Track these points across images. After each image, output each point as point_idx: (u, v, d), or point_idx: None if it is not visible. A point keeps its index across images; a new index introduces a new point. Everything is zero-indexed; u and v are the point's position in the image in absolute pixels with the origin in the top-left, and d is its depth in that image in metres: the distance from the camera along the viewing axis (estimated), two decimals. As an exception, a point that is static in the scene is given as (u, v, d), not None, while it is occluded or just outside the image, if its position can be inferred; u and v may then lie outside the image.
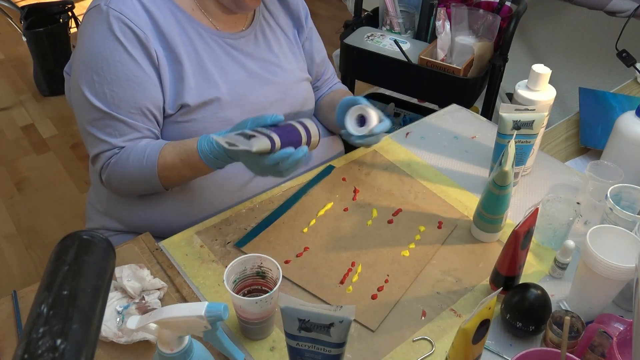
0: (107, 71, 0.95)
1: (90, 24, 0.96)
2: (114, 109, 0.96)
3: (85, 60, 0.96)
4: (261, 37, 1.12)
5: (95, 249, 0.51)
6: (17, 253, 2.04)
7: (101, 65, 0.94)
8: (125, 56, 0.95)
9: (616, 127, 1.13)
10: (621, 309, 0.89)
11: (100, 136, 0.98)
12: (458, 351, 0.69)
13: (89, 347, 0.44)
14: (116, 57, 0.94)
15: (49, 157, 2.50)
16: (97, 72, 0.95)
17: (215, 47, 1.04)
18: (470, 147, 1.23)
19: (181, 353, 0.64)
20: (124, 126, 0.97)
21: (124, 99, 0.96)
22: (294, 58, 1.17)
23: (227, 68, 1.05)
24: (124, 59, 0.95)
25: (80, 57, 0.97)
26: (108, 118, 0.97)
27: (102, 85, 0.95)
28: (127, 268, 0.86)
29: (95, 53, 0.95)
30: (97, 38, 0.95)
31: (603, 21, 2.04)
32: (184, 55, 1.00)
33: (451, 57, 1.71)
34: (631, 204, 0.96)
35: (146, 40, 0.95)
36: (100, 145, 0.99)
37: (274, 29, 1.14)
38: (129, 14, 0.94)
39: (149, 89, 0.97)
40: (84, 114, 0.98)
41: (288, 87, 1.13)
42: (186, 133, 1.01)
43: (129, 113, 0.97)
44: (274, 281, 0.81)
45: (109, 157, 0.99)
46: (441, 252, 0.98)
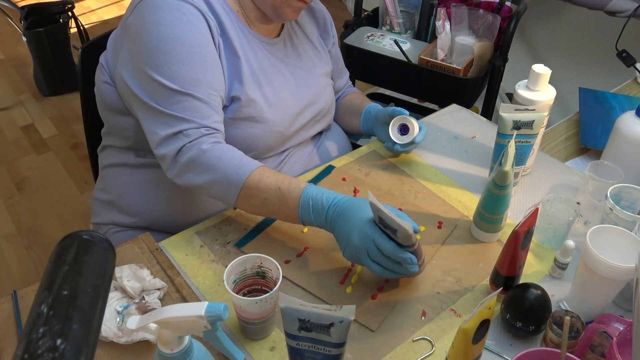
0: (183, 52, 0.92)
1: (154, 10, 0.93)
2: (193, 90, 0.92)
3: (154, 46, 0.92)
4: (289, 44, 1.15)
5: (95, 249, 0.51)
6: (17, 253, 2.04)
7: (176, 46, 0.92)
8: (200, 36, 0.94)
9: (616, 127, 1.13)
10: (621, 309, 0.89)
11: (180, 115, 0.92)
12: (458, 351, 0.69)
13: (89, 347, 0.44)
14: (192, 38, 0.93)
15: (49, 157, 2.50)
16: (170, 53, 0.91)
17: (257, 49, 1.06)
18: (470, 147, 1.23)
19: (181, 353, 0.64)
20: (205, 107, 0.93)
21: (203, 80, 0.94)
22: (320, 64, 1.20)
23: (268, 70, 1.07)
24: (200, 40, 0.94)
25: (146, 43, 0.92)
26: (187, 98, 0.92)
27: (179, 66, 0.92)
28: (127, 268, 0.86)
29: (168, 35, 0.92)
30: (168, 21, 0.92)
31: (603, 21, 2.04)
32: (236, 52, 1.01)
33: (451, 57, 1.71)
34: (631, 204, 0.96)
35: (214, 27, 0.97)
36: (181, 123, 0.92)
37: (299, 37, 1.18)
38: (200, 5, 0.95)
39: (218, 75, 0.97)
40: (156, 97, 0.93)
41: (317, 92, 1.17)
42: (234, 132, 1.01)
43: (209, 94, 0.94)
44: (274, 281, 0.81)
45: (195, 137, 0.92)
46: (441, 252, 0.98)
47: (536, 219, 0.85)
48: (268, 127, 1.05)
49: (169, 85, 0.92)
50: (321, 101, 1.17)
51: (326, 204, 0.88)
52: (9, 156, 2.50)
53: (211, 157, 0.91)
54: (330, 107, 1.22)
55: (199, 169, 0.92)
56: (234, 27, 1.02)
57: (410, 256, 0.81)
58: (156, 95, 0.93)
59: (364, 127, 1.24)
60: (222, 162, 0.92)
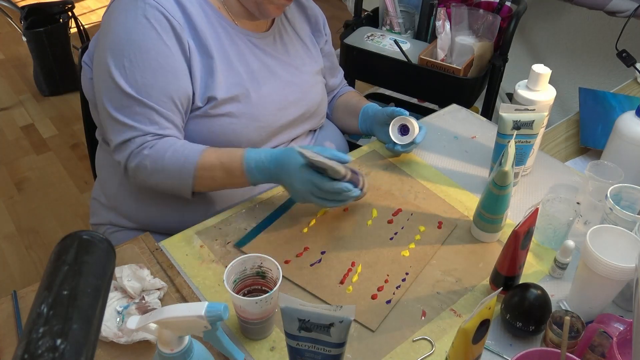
0: (140, 58, 0.94)
1: (122, 10, 0.95)
2: (145, 96, 0.95)
3: (117, 46, 0.95)
4: (279, 40, 1.14)
5: (95, 249, 0.51)
6: (17, 253, 2.04)
7: (134, 52, 0.94)
8: (160, 44, 0.94)
9: (616, 127, 1.13)
10: (621, 309, 0.89)
11: (129, 122, 0.96)
12: (458, 351, 0.69)
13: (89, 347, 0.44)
14: (150, 44, 0.94)
15: (49, 157, 2.50)
16: (129, 59, 0.94)
17: (240, 44, 1.06)
18: (470, 147, 1.23)
19: (181, 353, 0.64)
20: (154, 114, 0.96)
21: (155, 87, 0.95)
22: (310, 61, 1.20)
23: (252, 65, 1.06)
24: (159, 47, 0.94)
25: (110, 43, 0.95)
26: (138, 105, 0.95)
27: (134, 72, 0.94)
28: (127, 268, 0.86)
29: (128, 39, 0.94)
30: (131, 24, 0.94)
31: (603, 21, 2.04)
32: (214, 49, 1.01)
33: (451, 57, 1.71)
34: (631, 204, 0.96)
35: (180, 30, 0.96)
36: (129, 131, 0.96)
37: (290, 34, 1.17)
38: (164, 3, 0.95)
39: (180, 79, 0.97)
40: (112, 100, 0.96)
41: (305, 88, 1.16)
42: (213, 128, 1.02)
43: (160, 101, 0.96)
44: (274, 281, 0.81)
45: (139, 144, 0.97)
46: (441, 252, 0.98)
47: (536, 219, 0.85)
48: (250, 122, 1.05)
49: (124, 88, 0.95)
50: (309, 99, 1.16)
51: (267, 161, 0.96)
52: (9, 156, 2.50)
53: (155, 159, 0.96)
54: (320, 105, 1.21)
55: (148, 172, 0.98)
56: (212, 24, 1.02)
57: (345, 185, 0.92)
58: (112, 97, 0.96)
59: (362, 127, 1.24)
60: (167, 160, 0.96)
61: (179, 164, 0.96)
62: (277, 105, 1.09)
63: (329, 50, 1.28)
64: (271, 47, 1.12)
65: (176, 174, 0.97)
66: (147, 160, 0.97)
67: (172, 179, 0.98)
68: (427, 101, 2.09)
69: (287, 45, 1.15)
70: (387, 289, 0.90)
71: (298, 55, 1.17)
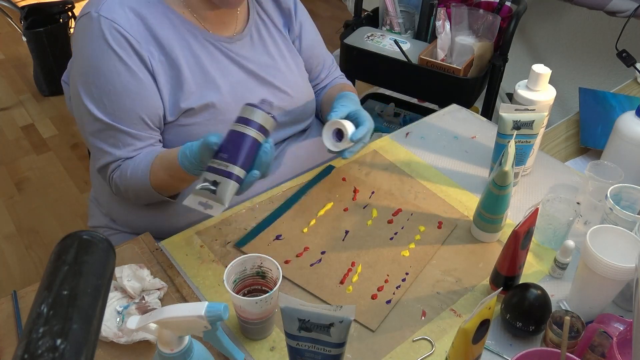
0: (104, 83, 0.93)
1: (83, 32, 0.95)
2: (115, 120, 0.95)
3: (83, 71, 0.95)
4: (257, 38, 1.10)
5: (95, 249, 0.51)
6: (17, 253, 2.04)
7: (98, 77, 0.93)
8: (121, 66, 0.93)
9: (616, 127, 1.13)
10: (621, 309, 0.89)
11: (104, 148, 0.97)
12: (458, 351, 0.69)
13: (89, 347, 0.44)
14: (112, 68, 0.93)
15: (49, 157, 2.50)
16: (95, 85, 0.94)
17: (212, 49, 1.03)
18: (470, 147, 1.23)
19: (181, 353, 0.64)
20: (126, 137, 0.97)
21: (123, 110, 0.95)
22: (291, 56, 1.15)
23: (227, 69, 1.04)
24: (120, 70, 0.93)
25: (77, 68, 0.96)
26: (110, 129, 0.96)
27: (101, 97, 0.94)
28: (127, 268, 0.86)
29: (91, 65, 0.94)
30: (91, 48, 0.93)
31: (603, 21, 2.04)
32: (181, 59, 0.98)
33: (451, 57, 1.71)
34: (631, 204, 0.96)
35: (140, 47, 0.94)
36: (105, 157, 0.98)
37: (269, 28, 1.12)
38: (121, 21, 0.93)
39: (147, 98, 0.96)
40: (87, 126, 0.98)
41: (288, 88, 1.12)
42: (189, 137, 1.00)
43: (130, 124, 0.96)
44: (274, 281, 0.81)
45: (113, 169, 0.99)
46: (441, 252, 0.98)
47: (536, 219, 0.85)
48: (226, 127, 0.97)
49: (95, 114, 0.95)
50: (291, 99, 1.12)
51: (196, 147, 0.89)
52: (9, 156, 2.50)
53: (122, 180, 0.98)
54: (306, 104, 1.15)
55: (125, 192, 1.00)
56: (179, 33, 0.99)
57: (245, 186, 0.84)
58: (86, 122, 0.97)
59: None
60: (130, 177, 0.97)
61: (136, 174, 0.96)
62: None
63: (309, 40, 1.18)
64: (247, 50, 1.07)
65: (143, 192, 0.98)
66: (118, 181, 0.99)
67: (144, 193, 0.98)
68: (427, 101, 2.09)
69: (266, 43, 1.11)
70: (387, 289, 0.90)
71: (279, 51, 1.12)
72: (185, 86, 0.98)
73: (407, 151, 1.20)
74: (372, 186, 1.10)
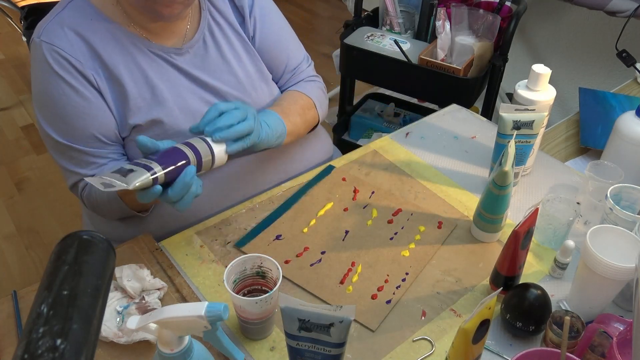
0: (55, 107, 0.94)
1: (32, 59, 0.95)
2: (72, 141, 0.95)
3: (37, 99, 0.96)
4: (211, 42, 1.03)
5: (95, 249, 0.51)
6: (17, 253, 2.04)
7: (49, 103, 0.94)
8: (68, 89, 0.92)
9: (616, 127, 1.13)
10: (621, 309, 0.89)
11: (69, 168, 0.98)
12: (458, 351, 0.69)
13: (89, 347, 0.44)
14: (59, 92, 0.93)
15: (49, 157, 2.48)
16: (47, 108, 0.94)
17: (160, 61, 0.99)
18: (470, 147, 1.23)
19: (181, 353, 0.64)
20: (86, 156, 0.96)
21: (77, 131, 0.95)
22: (249, 58, 1.08)
23: (175, 80, 1.00)
24: (67, 93, 0.93)
25: (33, 93, 0.97)
26: (70, 150, 0.96)
27: (55, 120, 0.95)
28: (127, 268, 0.86)
29: (41, 90, 0.94)
30: (39, 75, 0.94)
31: (603, 21, 2.04)
32: (126, 75, 0.95)
33: (451, 57, 1.71)
34: (631, 204, 0.96)
35: (83, 67, 0.92)
36: (72, 176, 0.99)
37: (223, 28, 1.05)
38: (62, 45, 0.92)
39: (98, 116, 0.95)
40: (51, 148, 0.99)
41: (245, 94, 1.06)
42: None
43: (87, 144, 0.96)
44: (274, 281, 0.81)
45: (82, 187, 1.00)
46: (441, 252, 0.98)
47: (536, 219, 0.85)
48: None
49: (54, 137, 0.96)
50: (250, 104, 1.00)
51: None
52: (9, 156, 2.50)
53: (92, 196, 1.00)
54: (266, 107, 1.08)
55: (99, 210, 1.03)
56: (123, 47, 0.95)
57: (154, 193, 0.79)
58: (50, 145, 0.99)
59: None
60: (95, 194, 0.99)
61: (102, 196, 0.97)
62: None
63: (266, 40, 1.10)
64: (200, 58, 1.02)
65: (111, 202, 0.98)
66: (88, 199, 1.01)
67: (115, 206, 0.99)
68: (427, 101, 2.09)
69: (220, 45, 1.04)
70: (387, 289, 0.90)
71: (235, 54, 1.06)
72: (132, 102, 0.96)
73: (407, 151, 1.20)
74: (372, 186, 1.10)
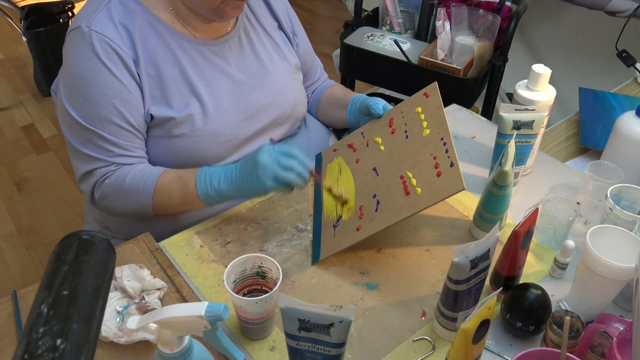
0: (92, 94, 0.94)
1: (73, 45, 0.96)
2: (102, 129, 0.96)
3: (71, 82, 0.96)
4: (245, 40, 1.10)
5: (95, 249, 0.51)
6: (17, 253, 2.04)
7: (86, 88, 0.94)
8: (111, 78, 0.94)
9: (616, 127, 1.13)
10: (621, 309, 0.89)
11: (92, 154, 0.98)
12: (458, 351, 0.69)
13: (89, 347, 0.44)
14: (101, 80, 0.94)
15: (49, 157, 2.50)
16: (83, 95, 0.95)
17: (197, 57, 1.02)
18: (470, 147, 1.23)
19: (181, 353, 0.64)
20: (113, 146, 0.97)
21: (111, 120, 0.96)
22: (280, 60, 1.14)
23: (211, 78, 1.03)
24: (109, 81, 0.94)
25: (66, 79, 0.97)
26: (98, 138, 0.97)
27: (89, 107, 0.95)
28: (127, 268, 0.86)
29: (80, 76, 0.94)
30: (81, 61, 0.94)
31: (603, 21, 2.04)
32: (167, 69, 0.99)
33: (451, 57, 1.71)
34: (631, 204, 0.96)
35: (128, 60, 0.95)
36: (93, 162, 0.99)
37: (257, 31, 1.12)
38: (111, 35, 0.94)
39: (135, 108, 0.97)
40: (74, 134, 0.98)
41: (276, 91, 1.11)
42: (175, 148, 1.01)
43: (117, 133, 0.97)
44: (274, 281, 0.81)
45: (103, 174, 0.99)
46: (441, 252, 0.98)
47: (536, 219, 0.85)
48: (212, 138, 1.02)
49: (82, 123, 0.96)
50: (281, 102, 1.12)
51: (221, 169, 0.95)
52: (9, 156, 2.50)
53: (116, 186, 0.98)
54: (296, 106, 1.16)
55: (111, 199, 1.00)
56: (165, 42, 0.99)
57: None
58: (72, 131, 0.98)
59: (350, 119, 1.18)
60: (127, 184, 0.98)
61: (138, 186, 0.97)
62: (242, 116, 1.06)
63: (303, 47, 1.23)
64: (234, 52, 1.07)
65: (136, 196, 0.98)
66: (109, 188, 0.99)
67: (134, 202, 0.99)
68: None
69: (254, 44, 1.10)
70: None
71: (267, 54, 1.12)
72: (170, 97, 0.99)
73: (407, 151, 1.20)
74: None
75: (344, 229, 0.96)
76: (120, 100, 0.95)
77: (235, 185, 0.93)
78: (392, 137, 1.02)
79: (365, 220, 0.94)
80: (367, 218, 0.94)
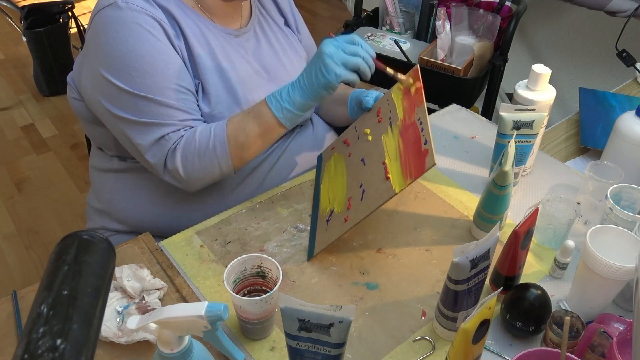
0: (143, 64, 0.93)
1: (111, 21, 0.94)
2: (161, 95, 0.95)
3: (117, 60, 0.93)
4: (261, 33, 1.13)
5: (95, 249, 0.51)
6: (17, 253, 2.04)
7: (136, 59, 0.93)
8: (159, 44, 0.95)
9: (616, 127, 1.13)
10: (621, 309, 0.89)
11: (157, 120, 0.96)
12: (458, 351, 0.69)
13: (89, 347, 0.44)
14: (149, 47, 0.94)
15: (49, 157, 2.50)
16: (134, 67, 0.93)
17: (223, 42, 1.05)
18: (470, 147, 1.23)
19: (181, 353, 0.64)
20: (176, 110, 0.96)
21: (170, 86, 0.95)
22: (293, 53, 1.18)
23: (236, 63, 1.06)
24: (158, 47, 0.94)
25: (107, 60, 0.94)
26: (158, 105, 0.95)
27: (143, 78, 0.94)
28: (127, 268, 0.86)
29: (127, 50, 0.93)
30: (125, 35, 0.93)
31: (603, 21, 2.04)
32: (199, 48, 1.01)
33: (451, 57, 1.72)
34: (631, 204, 0.96)
35: (169, 31, 0.96)
36: (160, 128, 0.96)
37: (270, 25, 1.16)
38: (149, 9, 0.95)
39: (185, 72, 0.98)
40: (130, 110, 0.95)
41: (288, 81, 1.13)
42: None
43: (178, 98, 0.96)
44: (274, 281, 0.81)
45: (174, 140, 0.97)
46: (441, 252, 0.98)
47: (536, 219, 0.85)
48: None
49: (138, 93, 0.94)
50: None
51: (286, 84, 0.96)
52: (9, 156, 2.50)
53: (189, 147, 0.96)
54: None
55: (185, 163, 0.97)
56: (195, 25, 1.01)
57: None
58: (131, 108, 0.95)
59: (351, 114, 1.18)
60: (199, 142, 0.96)
61: (209, 138, 0.96)
62: None
63: (306, 44, 1.25)
64: (253, 44, 1.11)
65: (213, 149, 0.96)
66: (184, 152, 0.96)
67: (210, 158, 0.97)
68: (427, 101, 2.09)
69: (269, 38, 1.14)
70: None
71: (281, 47, 1.16)
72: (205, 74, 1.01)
73: (407, 151, 1.20)
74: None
75: (335, 222, 0.96)
76: (172, 65, 0.96)
77: (307, 87, 0.94)
78: (378, 126, 1.03)
79: (352, 211, 0.94)
80: (353, 208, 0.94)
